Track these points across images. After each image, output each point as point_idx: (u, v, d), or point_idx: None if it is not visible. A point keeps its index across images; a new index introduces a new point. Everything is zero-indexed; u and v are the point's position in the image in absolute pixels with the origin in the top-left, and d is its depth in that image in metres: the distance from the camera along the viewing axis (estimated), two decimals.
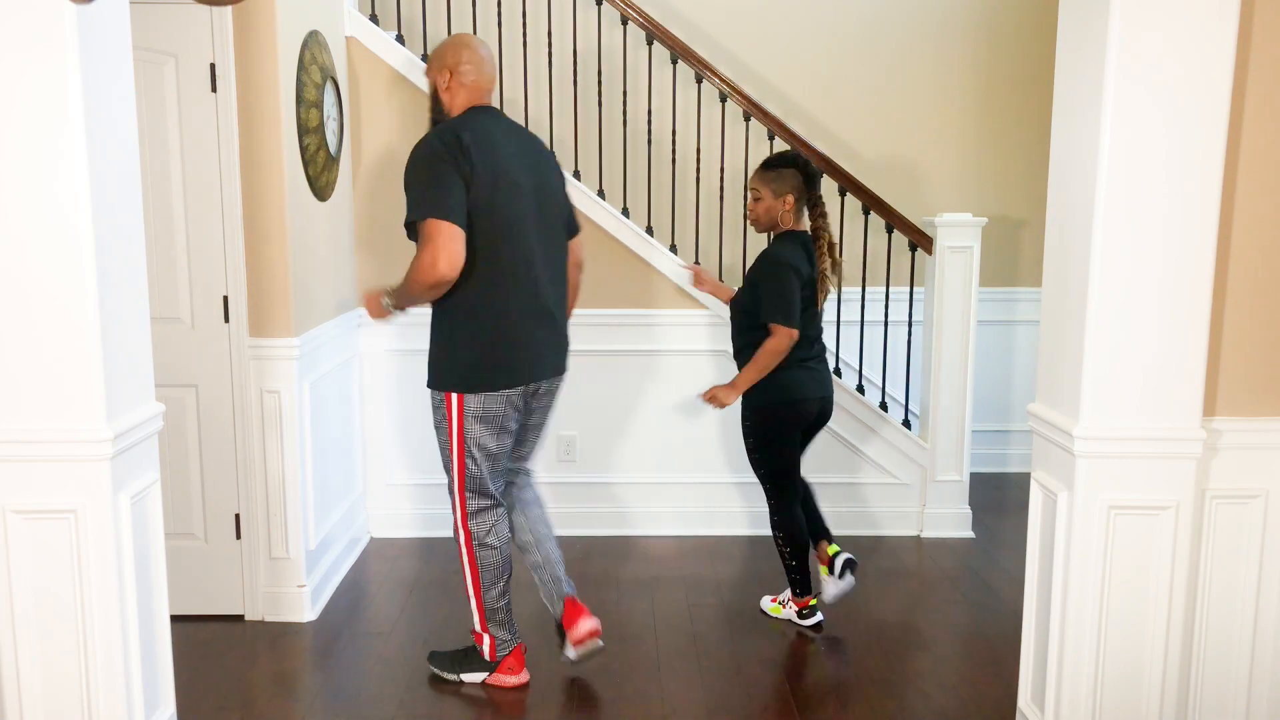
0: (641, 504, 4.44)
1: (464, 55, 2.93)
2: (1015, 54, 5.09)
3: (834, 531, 4.43)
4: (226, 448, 3.46)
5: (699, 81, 4.37)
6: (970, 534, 4.45)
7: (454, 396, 2.91)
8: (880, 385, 4.89)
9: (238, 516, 3.50)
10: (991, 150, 5.15)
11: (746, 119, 4.38)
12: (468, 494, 2.98)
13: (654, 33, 4.31)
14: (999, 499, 4.92)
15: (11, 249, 2.15)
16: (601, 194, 4.35)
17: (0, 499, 2.23)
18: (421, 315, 4.22)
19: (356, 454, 4.28)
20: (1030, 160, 5.13)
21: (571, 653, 3.11)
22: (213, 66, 3.28)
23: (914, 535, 4.45)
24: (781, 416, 3.39)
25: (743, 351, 3.45)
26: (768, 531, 4.41)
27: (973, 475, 4.95)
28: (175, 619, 3.01)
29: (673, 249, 4.37)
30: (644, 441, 4.40)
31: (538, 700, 3.04)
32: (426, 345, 4.29)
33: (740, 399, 3.41)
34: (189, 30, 3.26)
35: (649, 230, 4.38)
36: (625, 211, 4.36)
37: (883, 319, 4.63)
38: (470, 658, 3.13)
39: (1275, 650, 2.52)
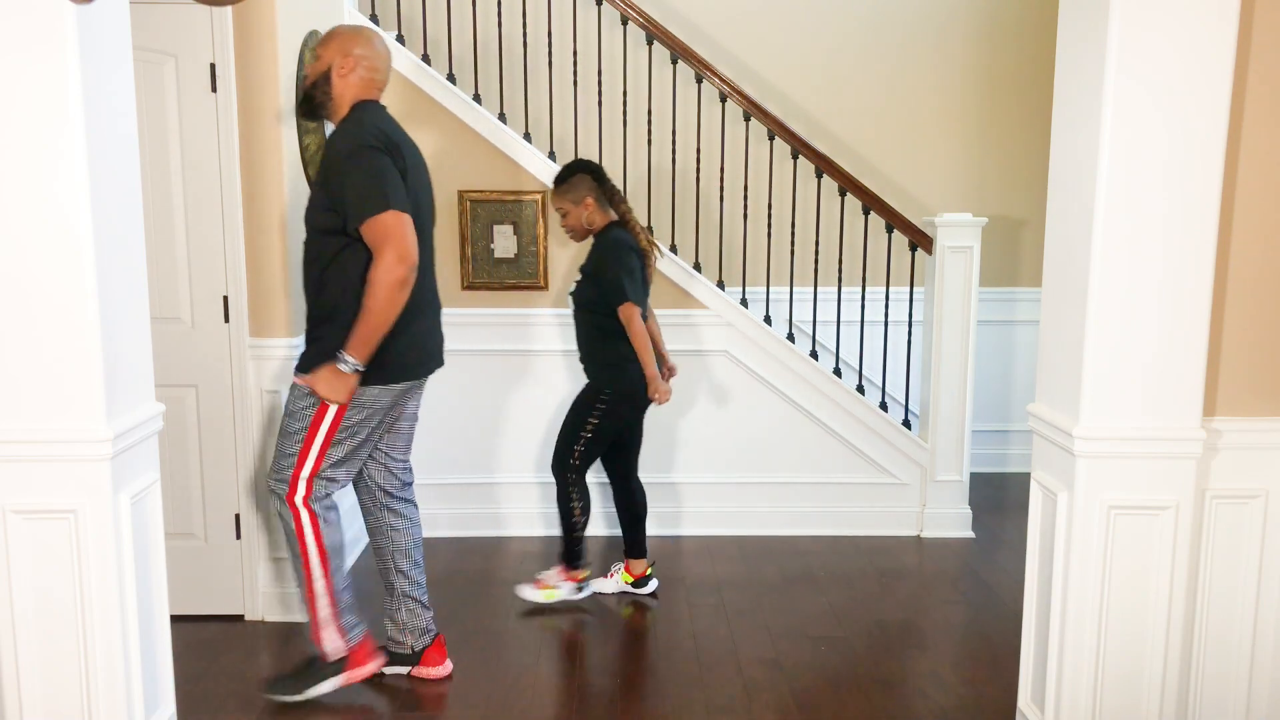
0: None
1: (368, 49, 2.87)
2: (1015, 54, 5.09)
3: (835, 531, 4.47)
4: (226, 448, 3.46)
5: (699, 81, 4.37)
6: (970, 534, 4.45)
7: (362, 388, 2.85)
8: (880, 385, 4.89)
9: (238, 516, 3.50)
10: (991, 150, 5.15)
11: (746, 119, 4.38)
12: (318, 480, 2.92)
13: (654, 33, 4.31)
14: (999, 499, 4.92)
15: (11, 249, 2.15)
16: None
17: (0, 499, 2.23)
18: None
19: None
20: (1030, 160, 5.13)
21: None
22: (213, 66, 3.28)
23: (914, 535, 4.45)
24: (636, 404, 3.61)
25: (591, 343, 3.59)
26: (767, 531, 4.43)
27: (973, 475, 4.95)
28: (175, 619, 3.00)
29: (673, 249, 4.37)
30: (645, 442, 4.39)
31: (537, 701, 3.04)
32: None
33: (598, 376, 3.59)
34: (189, 30, 3.26)
35: (649, 230, 4.38)
36: None
37: (883, 319, 4.63)
38: (313, 667, 3.01)
39: (1275, 650, 2.52)
